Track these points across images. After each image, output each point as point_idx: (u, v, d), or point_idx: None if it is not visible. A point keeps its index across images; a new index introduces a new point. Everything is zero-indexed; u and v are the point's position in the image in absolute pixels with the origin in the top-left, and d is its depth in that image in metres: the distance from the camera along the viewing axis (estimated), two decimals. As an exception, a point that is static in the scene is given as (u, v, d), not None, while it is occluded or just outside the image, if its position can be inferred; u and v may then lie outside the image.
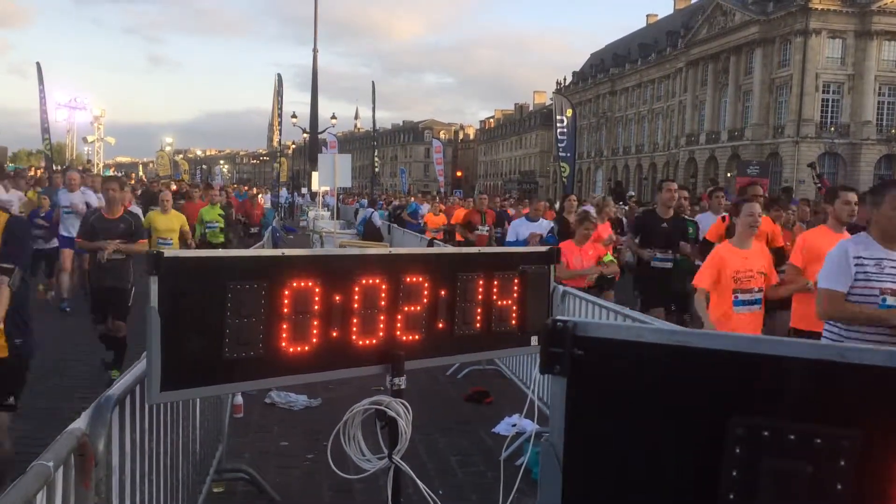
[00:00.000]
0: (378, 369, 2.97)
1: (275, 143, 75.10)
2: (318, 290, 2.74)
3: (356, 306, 2.85)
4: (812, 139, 54.32)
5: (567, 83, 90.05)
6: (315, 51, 34.14)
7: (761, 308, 5.40)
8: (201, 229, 12.04)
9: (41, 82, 41.40)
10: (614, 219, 11.55)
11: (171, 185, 26.09)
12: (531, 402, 3.02)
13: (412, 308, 3.00)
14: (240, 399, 5.98)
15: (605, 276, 7.63)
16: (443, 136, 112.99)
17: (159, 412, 3.02)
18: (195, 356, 2.50)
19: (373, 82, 65.93)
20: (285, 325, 2.67)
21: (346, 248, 10.99)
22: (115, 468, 2.36)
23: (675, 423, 1.34)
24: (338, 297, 2.80)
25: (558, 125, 24.62)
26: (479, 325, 3.18)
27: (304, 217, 32.86)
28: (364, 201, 31.49)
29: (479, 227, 12.35)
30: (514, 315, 3.26)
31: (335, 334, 2.80)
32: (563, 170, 24.27)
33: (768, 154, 54.51)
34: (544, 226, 9.98)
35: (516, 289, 3.26)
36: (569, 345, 1.43)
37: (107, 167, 62.68)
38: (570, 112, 24.60)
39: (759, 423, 1.24)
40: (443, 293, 3.08)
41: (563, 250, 7.32)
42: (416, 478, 2.83)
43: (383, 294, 2.92)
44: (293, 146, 71.59)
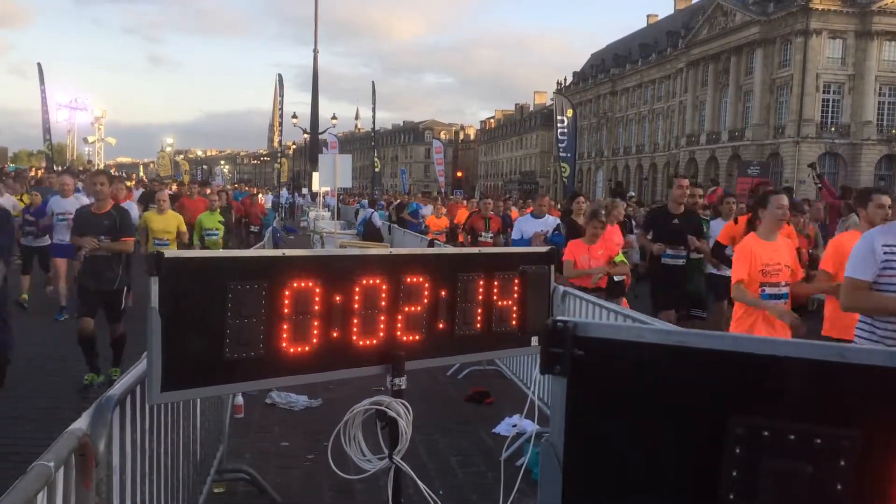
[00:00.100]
0: (378, 370, 2.97)
1: (275, 143, 75.09)
2: (318, 290, 2.75)
3: (356, 307, 2.85)
4: (812, 139, 54.30)
5: (567, 83, 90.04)
6: (315, 51, 34.11)
7: (787, 303, 5.32)
8: (199, 236, 11.51)
9: (42, 83, 41.49)
10: (621, 221, 11.29)
11: (172, 186, 26.02)
12: (531, 402, 3.02)
13: (412, 308, 3.00)
14: (240, 399, 5.98)
15: (613, 279, 7.33)
16: (443, 136, 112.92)
17: (160, 412, 3.02)
18: (196, 356, 2.51)
19: (373, 82, 65.97)
20: (286, 326, 2.68)
21: (346, 248, 10.98)
22: (115, 468, 2.36)
23: (675, 424, 1.34)
24: (338, 298, 2.80)
25: (559, 125, 24.67)
26: (479, 325, 3.18)
27: (304, 217, 32.81)
28: (364, 202, 31.44)
29: (483, 233, 11.87)
30: (514, 315, 3.26)
31: (336, 335, 2.80)
32: (563, 170, 24.32)
33: (769, 154, 54.47)
34: (549, 223, 9.82)
35: (516, 289, 3.26)
36: (569, 345, 1.43)
37: (107, 167, 62.70)
38: (570, 112, 24.65)
39: (759, 423, 1.24)
40: (443, 293, 3.08)
41: (571, 249, 7.25)
42: (416, 478, 2.83)
43: (384, 294, 2.92)
44: (294, 146, 71.50)
